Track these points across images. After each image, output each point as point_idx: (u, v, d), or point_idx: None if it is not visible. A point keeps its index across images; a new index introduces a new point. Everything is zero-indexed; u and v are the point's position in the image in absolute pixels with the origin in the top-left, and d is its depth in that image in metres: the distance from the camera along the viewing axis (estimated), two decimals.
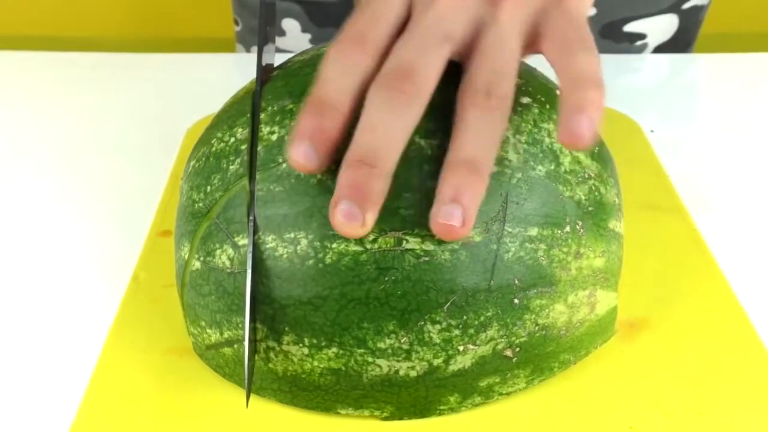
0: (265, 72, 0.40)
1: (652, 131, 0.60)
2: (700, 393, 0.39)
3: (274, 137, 0.37)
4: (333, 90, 0.33)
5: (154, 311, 0.43)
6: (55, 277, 0.48)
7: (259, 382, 0.38)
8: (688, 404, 0.38)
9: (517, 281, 0.35)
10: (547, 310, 0.36)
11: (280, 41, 0.74)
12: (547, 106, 0.39)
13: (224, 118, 0.40)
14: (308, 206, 0.35)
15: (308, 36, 0.73)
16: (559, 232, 0.36)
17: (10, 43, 0.83)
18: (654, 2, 0.70)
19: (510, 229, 0.35)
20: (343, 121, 0.33)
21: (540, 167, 0.37)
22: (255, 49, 0.77)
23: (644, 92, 0.67)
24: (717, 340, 0.42)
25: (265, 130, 0.37)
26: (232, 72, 0.54)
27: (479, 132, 0.33)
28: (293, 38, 0.74)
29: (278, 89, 0.38)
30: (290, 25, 0.73)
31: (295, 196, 0.35)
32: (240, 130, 0.38)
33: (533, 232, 0.36)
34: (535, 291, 0.36)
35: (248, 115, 0.38)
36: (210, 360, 0.39)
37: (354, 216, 0.32)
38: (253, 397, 0.38)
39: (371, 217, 0.33)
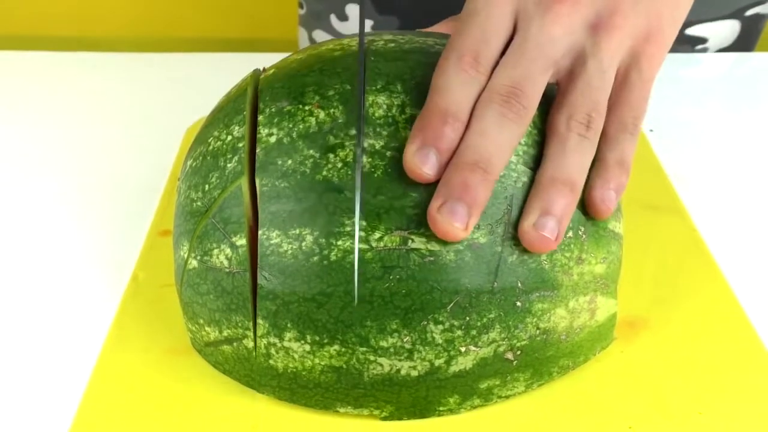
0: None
1: (651, 131, 0.60)
2: (699, 393, 0.39)
3: (273, 139, 0.37)
4: (455, 100, 0.34)
5: (153, 311, 0.43)
6: (55, 276, 0.48)
7: (258, 378, 0.38)
8: (687, 404, 0.38)
9: (520, 284, 0.35)
10: (548, 314, 0.36)
11: (342, 26, 0.74)
12: (545, 108, 0.39)
13: (220, 117, 0.40)
14: (314, 203, 0.35)
15: (371, 22, 0.73)
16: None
17: (10, 43, 0.83)
18: (718, 8, 0.70)
19: (514, 232, 0.35)
20: (462, 132, 0.34)
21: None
22: (316, 33, 0.77)
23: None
24: (717, 340, 0.42)
25: (263, 132, 0.37)
26: (232, 72, 0.54)
27: (580, 157, 0.35)
28: (355, 24, 0.74)
29: (276, 90, 0.38)
30: (353, 10, 0.73)
31: (301, 193, 0.35)
32: (237, 128, 0.38)
33: None
34: (537, 294, 0.36)
35: (244, 113, 0.38)
36: (208, 356, 0.39)
37: (461, 218, 0.33)
38: (251, 393, 0.38)
39: (473, 223, 0.34)
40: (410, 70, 0.38)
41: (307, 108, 0.37)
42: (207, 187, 0.38)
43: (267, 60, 0.53)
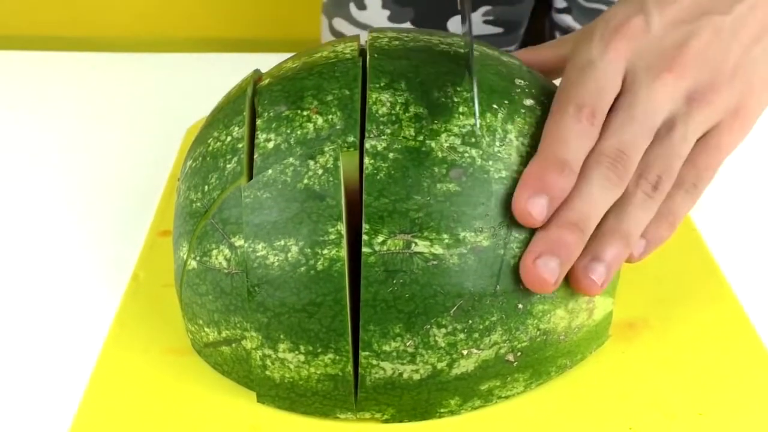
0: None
1: None
2: (700, 394, 0.39)
3: (271, 145, 0.36)
4: (572, 152, 0.36)
5: (153, 311, 0.43)
6: (55, 276, 0.48)
7: (257, 388, 0.38)
8: (688, 405, 0.38)
9: (521, 286, 0.35)
10: (548, 316, 0.36)
11: (359, 14, 0.75)
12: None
13: (220, 117, 0.40)
14: (297, 212, 0.35)
15: (387, 12, 0.74)
16: None
17: (10, 43, 0.83)
18: None
19: (516, 234, 0.35)
20: (574, 183, 0.36)
21: None
22: (336, 21, 0.78)
23: None
24: (717, 341, 0.42)
25: (261, 137, 0.37)
26: (232, 72, 0.54)
27: (641, 214, 0.37)
28: (373, 13, 0.75)
29: (274, 94, 0.38)
30: (372, 0, 0.74)
31: (283, 203, 0.35)
32: (236, 128, 0.38)
33: None
34: (538, 296, 0.36)
35: (244, 114, 0.38)
36: (208, 357, 0.39)
37: (554, 274, 0.35)
38: (252, 394, 0.38)
39: (561, 279, 0.35)
40: (414, 68, 0.38)
41: (305, 113, 0.37)
42: (206, 188, 0.38)
43: (267, 60, 0.53)
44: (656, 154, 0.37)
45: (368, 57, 0.38)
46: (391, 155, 0.35)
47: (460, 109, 0.36)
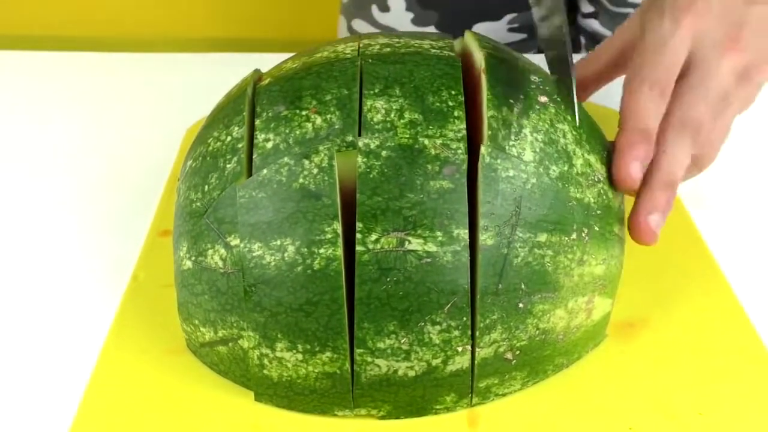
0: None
1: None
2: (700, 393, 0.39)
3: (270, 145, 0.36)
4: (651, 124, 0.41)
5: (153, 311, 0.43)
6: (55, 277, 0.48)
7: (255, 387, 0.38)
8: (687, 404, 0.38)
9: (523, 286, 0.35)
10: (548, 315, 0.37)
11: (381, 16, 0.75)
12: (563, 107, 0.39)
13: (220, 117, 0.40)
14: (292, 212, 0.35)
15: (411, 15, 0.74)
16: (566, 239, 0.36)
17: (10, 43, 0.83)
18: None
19: (521, 234, 0.35)
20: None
21: (554, 167, 0.37)
22: (356, 23, 0.78)
23: None
24: (717, 340, 0.42)
25: (260, 137, 0.37)
26: (232, 72, 0.54)
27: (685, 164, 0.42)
28: (396, 16, 0.74)
29: (273, 94, 0.38)
30: (395, 2, 0.74)
31: (279, 202, 0.35)
32: (236, 128, 0.38)
33: (542, 238, 0.36)
34: (539, 296, 0.36)
35: (244, 114, 0.38)
36: (204, 357, 0.39)
37: (659, 227, 0.40)
38: (252, 398, 0.38)
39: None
40: (408, 72, 0.38)
41: (304, 113, 0.37)
42: (206, 187, 0.38)
43: (267, 60, 0.53)
44: (708, 129, 0.42)
45: (362, 62, 0.38)
46: (384, 153, 0.35)
47: (455, 114, 0.36)
